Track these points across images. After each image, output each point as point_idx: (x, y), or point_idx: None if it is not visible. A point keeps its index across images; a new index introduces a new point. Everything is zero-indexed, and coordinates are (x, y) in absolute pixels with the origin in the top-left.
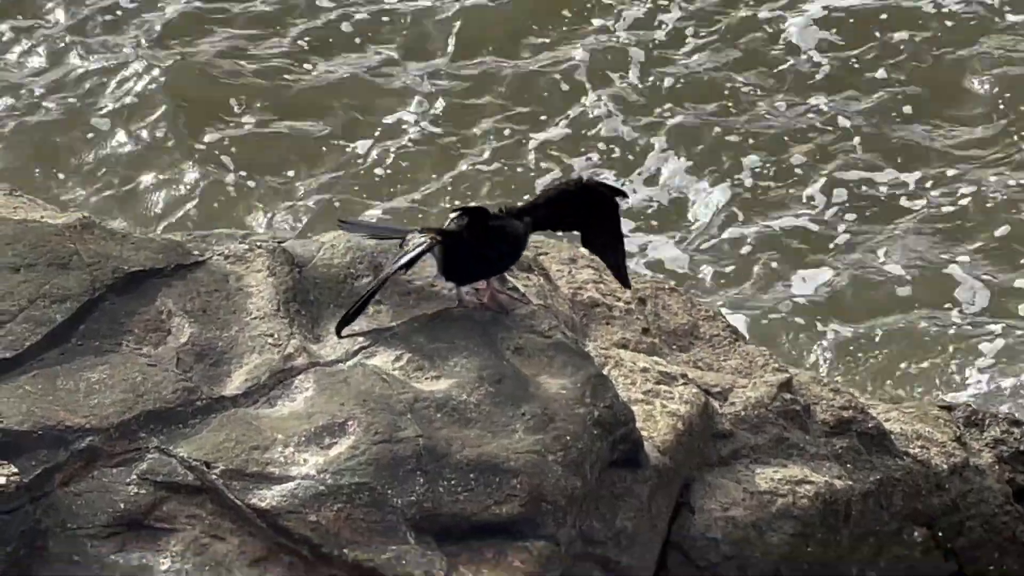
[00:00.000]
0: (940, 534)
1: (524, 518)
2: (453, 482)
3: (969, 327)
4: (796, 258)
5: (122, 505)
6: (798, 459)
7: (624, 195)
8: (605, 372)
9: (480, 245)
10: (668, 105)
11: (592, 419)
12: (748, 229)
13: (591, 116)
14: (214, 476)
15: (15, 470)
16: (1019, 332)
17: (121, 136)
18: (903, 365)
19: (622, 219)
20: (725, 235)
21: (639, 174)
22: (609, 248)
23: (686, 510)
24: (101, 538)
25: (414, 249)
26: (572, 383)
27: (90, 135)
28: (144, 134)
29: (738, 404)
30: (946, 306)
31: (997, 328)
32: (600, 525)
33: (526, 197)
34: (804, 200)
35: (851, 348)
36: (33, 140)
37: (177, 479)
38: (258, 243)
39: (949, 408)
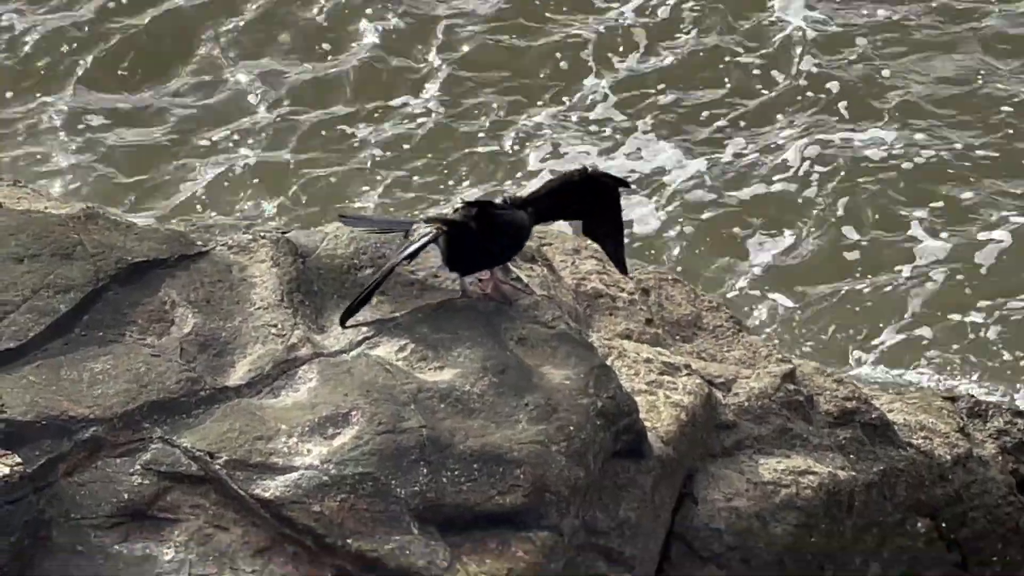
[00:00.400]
0: (943, 525)
1: (527, 508)
2: (456, 472)
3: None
4: (762, 224)
5: (126, 495)
6: (801, 450)
7: (627, 185)
8: (608, 363)
9: (483, 235)
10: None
11: (595, 410)
12: (717, 195)
13: (588, 96)
14: (217, 466)
15: (19, 460)
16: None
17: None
18: (833, 329)
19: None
20: (694, 200)
21: (627, 149)
22: (610, 237)
23: (689, 500)
24: (105, 528)
25: (419, 239)
26: (575, 374)
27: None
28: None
29: (741, 395)
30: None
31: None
32: (603, 515)
33: (525, 183)
34: (780, 167)
35: (794, 313)
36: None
37: (180, 469)
38: (262, 233)
39: (953, 399)
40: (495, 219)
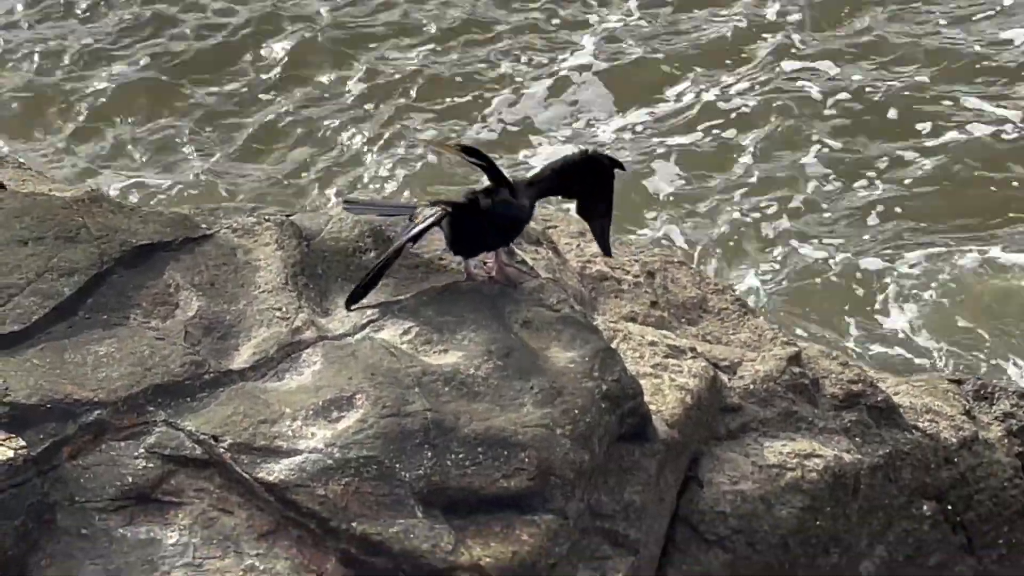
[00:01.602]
0: (949, 508)
1: (532, 492)
2: (461, 456)
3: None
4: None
5: (130, 479)
6: (807, 433)
7: (622, 167)
8: (613, 346)
9: (487, 217)
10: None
11: (600, 393)
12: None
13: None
14: (222, 450)
15: (23, 443)
16: None
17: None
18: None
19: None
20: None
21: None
22: (599, 216)
23: (694, 484)
24: (109, 511)
25: (424, 221)
26: (580, 357)
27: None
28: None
29: (747, 378)
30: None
31: None
32: (608, 499)
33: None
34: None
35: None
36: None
37: (185, 453)
38: (266, 216)
39: (959, 382)
40: (496, 199)
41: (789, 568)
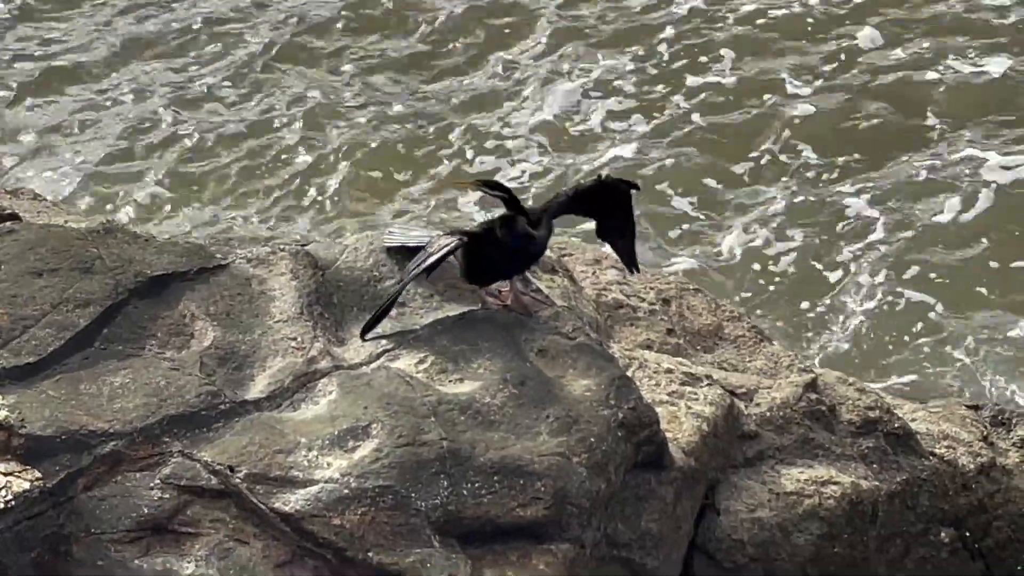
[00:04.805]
0: (967, 534)
1: (548, 520)
2: (477, 485)
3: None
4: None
5: (145, 509)
6: (824, 459)
7: (637, 187)
8: (629, 373)
9: (501, 247)
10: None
11: (616, 421)
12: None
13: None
14: (237, 480)
15: (39, 475)
16: None
17: (153, 132)
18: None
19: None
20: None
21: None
22: (621, 234)
23: (711, 511)
24: (125, 543)
25: (438, 251)
26: (596, 385)
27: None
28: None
29: (763, 405)
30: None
31: None
32: (625, 527)
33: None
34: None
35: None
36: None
37: (201, 483)
38: (281, 246)
39: (976, 407)
40: (510, 229)
41: None
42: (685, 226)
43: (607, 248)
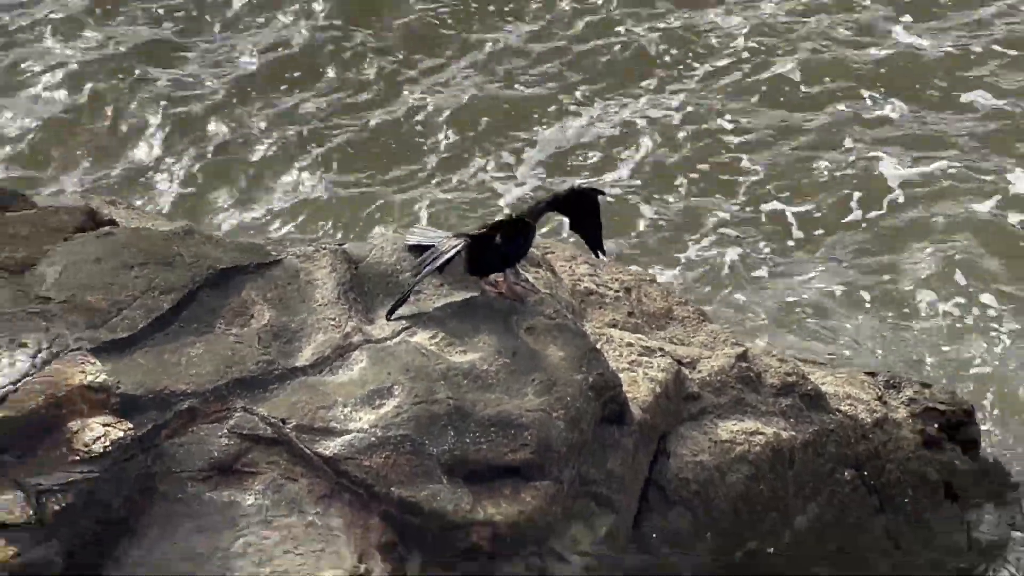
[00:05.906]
0: (865, 475)
1: (534, 463)
2: (477, 435)
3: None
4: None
5: (215, 453)
6: (752, 415)
7: (603, 193)
8: (598, 347)
9: (497, 245)
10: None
11: (587, 384)
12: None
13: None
14: (288, 430)
15: (130, 426)
16: None
17: (208, 139)
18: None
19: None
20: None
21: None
22: (591, 229)
23: (663, 456)
24: (199, 480)
25: (450, 250)
26: (571, 355)
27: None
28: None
29: (704, 371)
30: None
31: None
32: (594, 469)
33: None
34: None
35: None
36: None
37: (258, 432)
38: (323, 245)
39: (873, 374)
40: (504, 231)
41: (739, 523)
42: (647, 232)
43: (582, 247)
